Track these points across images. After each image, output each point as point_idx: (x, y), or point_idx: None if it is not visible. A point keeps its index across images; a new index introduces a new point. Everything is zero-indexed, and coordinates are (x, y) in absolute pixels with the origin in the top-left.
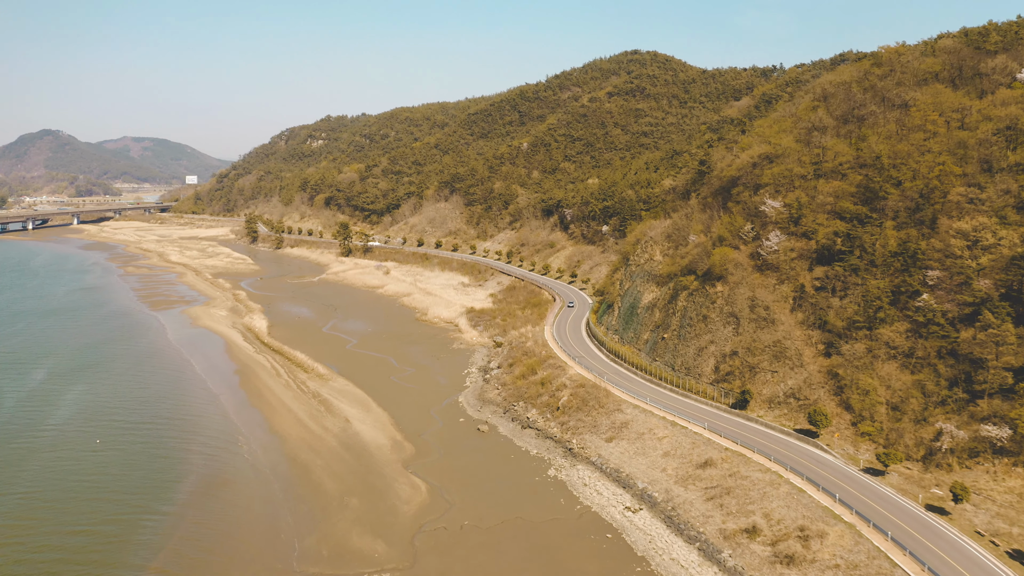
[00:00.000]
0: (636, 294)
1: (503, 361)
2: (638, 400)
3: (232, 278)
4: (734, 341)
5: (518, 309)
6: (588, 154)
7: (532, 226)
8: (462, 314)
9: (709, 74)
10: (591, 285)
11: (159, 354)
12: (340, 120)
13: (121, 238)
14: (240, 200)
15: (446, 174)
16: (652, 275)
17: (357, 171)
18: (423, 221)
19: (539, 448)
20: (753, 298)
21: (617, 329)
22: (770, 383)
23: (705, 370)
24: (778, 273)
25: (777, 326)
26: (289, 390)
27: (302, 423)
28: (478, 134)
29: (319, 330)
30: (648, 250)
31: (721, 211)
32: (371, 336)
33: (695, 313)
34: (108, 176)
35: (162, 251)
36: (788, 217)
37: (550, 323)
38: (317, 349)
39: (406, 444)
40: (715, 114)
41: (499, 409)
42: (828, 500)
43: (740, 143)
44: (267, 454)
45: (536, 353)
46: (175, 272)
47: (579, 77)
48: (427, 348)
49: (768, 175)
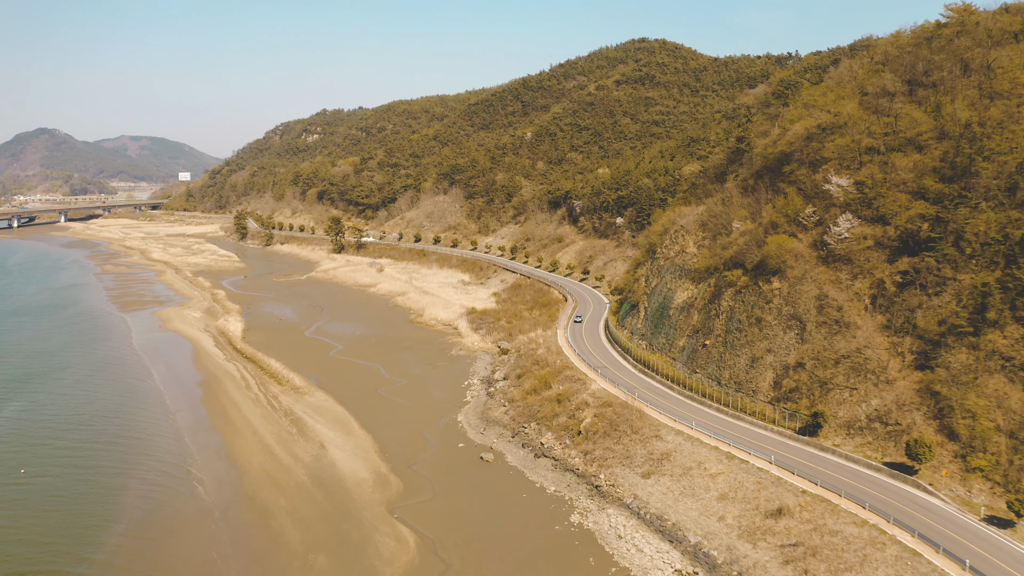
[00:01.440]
0: (666, 292)
1: (510, 371)
2: (680, 423)
3: (214, 276)
4: (799, 350)
5: (525, 310)
6: (596, 144)
7: (538, 219)
8: (462, 315)
9: (721, 62)
10: (606, 282)
11: (118, 362)
12: (336, 114)
13: (106, 235)
14: (232, 197)
15: (445, 166)
16: (686, 270)
17: (352, 164)
18: (420, 216)
19: (558, 484)
20: (821, 296)
21: (644, 334)
22: (848, 403)
23: (761, 385)
24: (850, 266)
25: (853, 331)
26: (258, 406)
27: (268, 449)
28: (479, 125)
29: (301, 334)
30: (679, 241)
31: (769, 193)
32: (359, 341)
33: (745, 315)
34: (104, 175)
35: (145, 248)
36: (860, 198)
37: (563, 326)
38: (296, 356)
39: (392, 478)
40: (729, 102)
41: (506, 432)
42: (956, 569)
43: (787, 114)
44: (221, 491)
45: (549, 362)
46: (154, 270)
47: (584, 66)
48: (422, 354)
49: (831, 148)
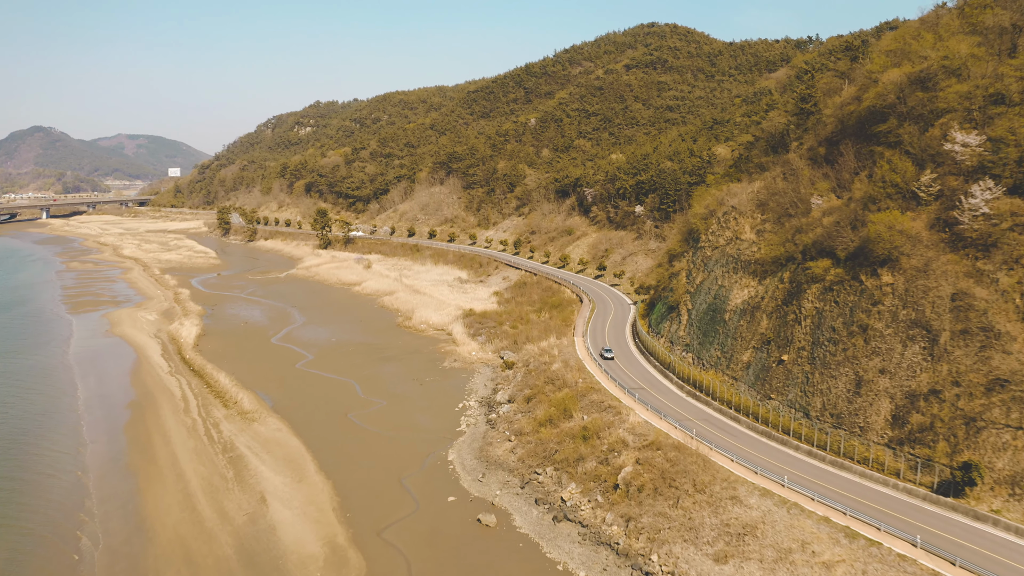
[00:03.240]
0: (717, 291)
1: (516, 392)
2: (764, 476)
3: (184, 274)
4: (930, 371)
5: (532, 312)
6: (606, 130)
7: (544, 210)
8: (457, 318)
9: (737, 46)
10: (628, 279)
11: (43, 375)
12: (330, 106)
13: (84, 232)
14: (221, 192)
15: (442, 154)
16: (743, 261)
17: (343, 155)
18: (415, 208)
19: (589, 567)
20: (958, 295)
21: (689, 344)
22: (1013, 449)
23: (873, 421)
24: (992, 254)
25: (1007, 344)
26: (193, 437)
27: (191, 503)
28: (479, 113)
29: (267, 340)
30: (730, 225)
31: (858, 161)
32: (333, 349)
33: (842, 321)
34: (99, 173)
35: (119, 245)
36: (1000, 161)
37: (581, 332)
38: (255, 369)
39: (352, 554)
40: (749, 86)
41: (513, 479)
42: None
43: (867, 64)
44: (112, 568)
45: (568, 381)
46: (122, 267)
47: (591, 51)
48: (407, 367)
49: (951, 96)
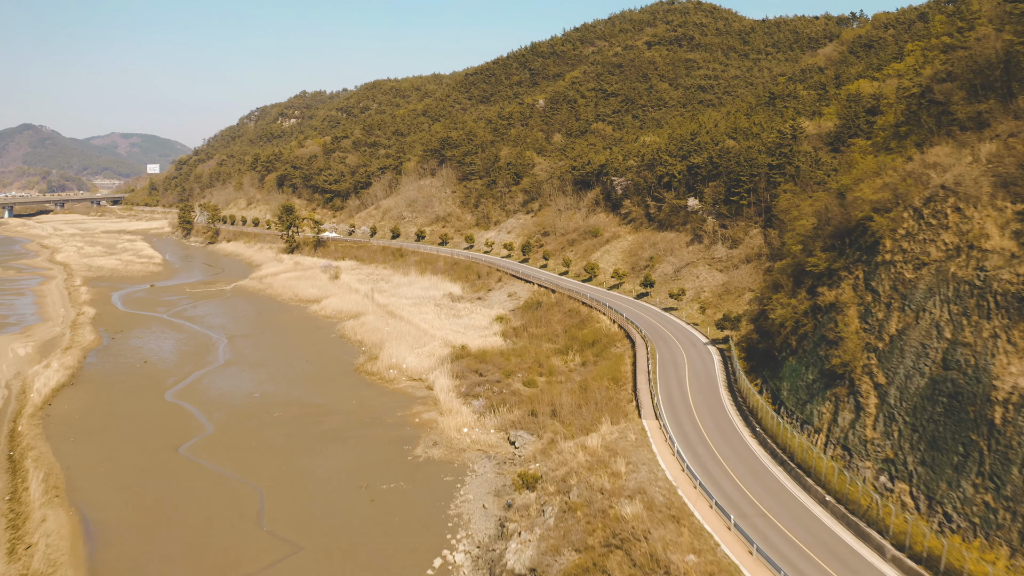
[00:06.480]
0: (952, 355)
1: (548, 554)
2: None
3: (110, 285)
4: None
5: (555, 352)
6: (629, 112)
7: (559, 206)
8: (443, 362)
9: (771, 23)
10: (690, 302)
11: None
12: (317, 96)
13: (34, 232)
14: (196, 188)
15: (434, 140)
16: (998, 293)
17: (321, 144)
18: (400, 204)
19: None
20: None
21: (892, 459)
22: None
23: None
24: None
25: None
26: None
27: None
28: (478, 98)
29: (160, 395)
30: (951, 222)
31: None
32: (249, 415)
33: None
34: (88, 172)
35: (59, 247)
36: None
37: (649, 405)
38: (114, 453)
39: None
40: (793, 64)
41: None
42: None
43: None
44: None
45: (660, 555)
46: (45, 275)
47: (604, 30)
48: (356, 456)
49: None
